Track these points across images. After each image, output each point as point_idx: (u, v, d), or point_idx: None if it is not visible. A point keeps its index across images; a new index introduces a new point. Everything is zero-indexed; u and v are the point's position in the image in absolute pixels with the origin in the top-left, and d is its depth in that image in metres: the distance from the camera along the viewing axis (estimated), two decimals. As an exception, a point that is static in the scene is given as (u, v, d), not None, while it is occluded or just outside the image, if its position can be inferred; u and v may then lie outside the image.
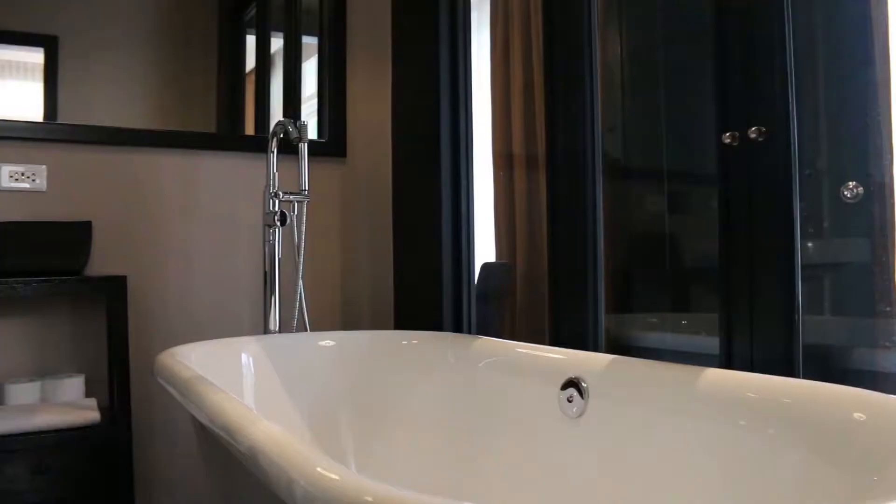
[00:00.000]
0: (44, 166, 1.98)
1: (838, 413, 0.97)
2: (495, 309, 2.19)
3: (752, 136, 1.29)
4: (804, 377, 1.22)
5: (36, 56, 2.02)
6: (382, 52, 2.33)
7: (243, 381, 1.72)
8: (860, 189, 1.29)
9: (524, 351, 1.60)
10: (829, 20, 1.43)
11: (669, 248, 1.82)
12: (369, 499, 0.67)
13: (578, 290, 1.69)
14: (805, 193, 1.32)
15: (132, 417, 1.88)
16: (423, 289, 2.10)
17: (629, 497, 1.25)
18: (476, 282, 2.09)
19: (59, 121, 2.01)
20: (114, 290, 1.85)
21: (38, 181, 1.97)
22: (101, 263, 2.04)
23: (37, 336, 1.97)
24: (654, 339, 1.79)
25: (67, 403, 1.85)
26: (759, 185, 1.30)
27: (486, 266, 2.15)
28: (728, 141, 1.33)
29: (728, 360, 1.33)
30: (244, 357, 1.73)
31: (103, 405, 1.93)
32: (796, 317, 1.26)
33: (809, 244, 1.36)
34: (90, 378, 1.99)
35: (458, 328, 2.04)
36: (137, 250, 2.10)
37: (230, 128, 2.31)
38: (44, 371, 1.96)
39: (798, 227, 1.27)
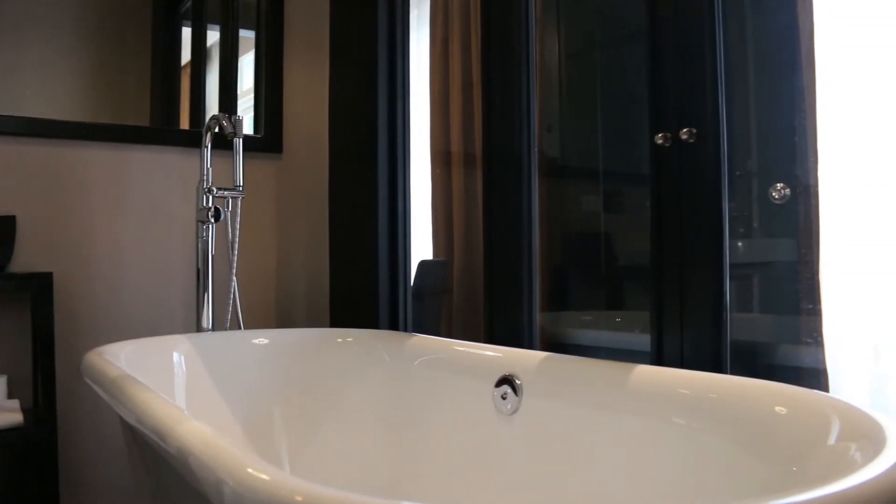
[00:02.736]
0: (-36, 158, 1.90)
1: (761, 407, 1.00)
2: (432, 306, 2.19)
3: (684, 136, 1.32)
4: (732, 373, 1.26)
5: (-44, 43, 1.94)
6: (320, 47, 2.31)
7: (174, 380, 1.68)
8: (787, 190, 1.33)
9: (459, 349, 1.60)
10: (758, 26, 1.47)
11: (604, 246, 1.84)
12: (299, 499, 0.67)
13: (513, 287, 1.71)
14: (735, 194, 1.35)
15: (57, 419, 1.82)
16: (360, 286, 2.09)
17: (562, 493, 1.27)
18: (413, 279, 2.09)
19: (-19, 111, 1.94)
20: (39, 287, 1.79)
21: (-43, 174, 1.89)
22: (25, 259, 1.97)
23: (-44, 335, 1.89)
24: (588, 336, 1.82)
25: (-12, 405, 1.79)
26: (689, 186, 1.33)
27: (422, 263, 2.15)
28: (660, 142, 1.35)
29: (659, 357, 1.36)
30: (175, 356, 1.69)
31: (26, 407, 1.86)
32: (724, 314, 1.29)
33: (739, 243, 1.40)
34: (13, 379, 1.92)
35: (394, 326, 2.04)
36: (65, 246, 2.03)
37: (164, 122, 2.26)
38: (-37, 371, 1.89)
39: (727, 227, 1.30)
